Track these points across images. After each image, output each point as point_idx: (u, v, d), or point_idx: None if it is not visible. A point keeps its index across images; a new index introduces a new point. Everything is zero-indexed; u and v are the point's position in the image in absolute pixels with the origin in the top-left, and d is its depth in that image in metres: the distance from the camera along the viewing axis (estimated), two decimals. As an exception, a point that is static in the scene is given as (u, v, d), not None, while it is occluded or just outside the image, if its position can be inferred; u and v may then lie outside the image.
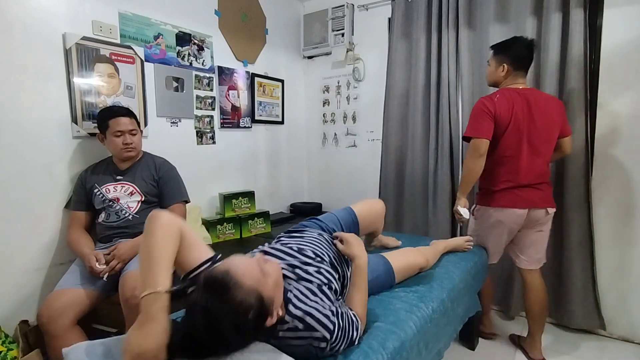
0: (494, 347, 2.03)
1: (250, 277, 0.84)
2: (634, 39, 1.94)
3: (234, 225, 2.48)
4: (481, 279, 1.91)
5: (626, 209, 2.02)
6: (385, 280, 1.45)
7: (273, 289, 0.88)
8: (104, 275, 1.54)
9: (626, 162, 2.00)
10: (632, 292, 2.03)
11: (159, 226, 0.91)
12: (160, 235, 0.90)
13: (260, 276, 0.86)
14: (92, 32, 1.87)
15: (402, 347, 1.11)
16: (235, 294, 0.80)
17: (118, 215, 1.72)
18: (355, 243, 1.23)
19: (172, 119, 2.29)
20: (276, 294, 0.90)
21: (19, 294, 1.68)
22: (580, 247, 2.07)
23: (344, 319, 1.01)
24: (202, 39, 2.42)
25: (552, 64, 2.08)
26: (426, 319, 1.28)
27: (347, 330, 1.00)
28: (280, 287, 0.94)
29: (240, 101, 2.72)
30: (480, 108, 1.77)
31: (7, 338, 1.51)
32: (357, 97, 3.06)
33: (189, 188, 1.95)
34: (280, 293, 0.94)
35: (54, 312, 1.45)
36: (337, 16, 2.96)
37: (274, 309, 0.88)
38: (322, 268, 1.11)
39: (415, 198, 2.69)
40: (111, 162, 1.82)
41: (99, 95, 1.90)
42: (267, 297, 0.85)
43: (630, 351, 1.98)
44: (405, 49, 2.68)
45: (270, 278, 0.89)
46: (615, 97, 2.01)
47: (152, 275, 0.82)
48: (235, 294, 0.80)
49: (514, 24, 2.24)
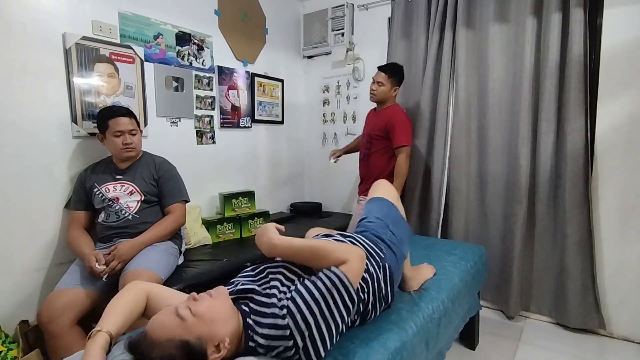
0: (495, 347, 2.03)
1: (163, 329, 0.83)
2: (634, 38, 1.94)
3: (234, 225, 2.47)
4: (481, 279, 1.91)
5: (626, 209, 2.02)
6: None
7: (205, 327, 0.85)
8: (104, 275, 1.53)
9: (626, 162, 2.00)
10: (631, 292, 2.03)
11: (124, 288, 1.01)
12: (121, 292, 0.99)
13: (178, 322, 0.84)
14: (92, 32, 1.87)
15: (403, 347, 1.11)
16: (151, 354, 0.81)
17: (118, 215, 1.72)
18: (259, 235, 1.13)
19: (172, 118, 2.29)
20: (213, 329, 0.85)
21: (19, 294, 1.68)
22: (580, 247, 2.07)
23: (299, 307, 0.91)
24: (202, 39, 2.42)
25: (552, 63, 2.08)
26: (427, 319, 1.28)
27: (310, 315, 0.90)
28: (221, 321, 0.88)
29: (240, 101, 2.72)
30: (407, 120, 2.30)
31: (7, 338, 1.51)
32: (357, 97, 3.06)
33: (189, 188, 1.95)
34: (223, 326, 0.88)
35: (54, 312, 1.45)
36: (337, 16, 2.96)
37: (208, 347, 0.84)
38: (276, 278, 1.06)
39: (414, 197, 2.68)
40: (111, 162, 1.81)
41: (99, 95, 1.90)
42: (195, 338, 0.82)
43: (630, 350, 1.98)
44: (405, 48, 2.68)
45: (198, 316, 0.85)
46: (615, 96, 2.01)
47: (102, 319, 0.91)
48: (152, 353, 0.81)
49: (514, 23, 2.24)
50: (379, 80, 2.29)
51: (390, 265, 1.23)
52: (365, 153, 2.41)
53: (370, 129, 2.38)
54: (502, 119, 2.31)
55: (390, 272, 1.21)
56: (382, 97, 2.32)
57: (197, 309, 0.86)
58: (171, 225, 1.79)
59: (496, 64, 2.30)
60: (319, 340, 0.91)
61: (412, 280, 1.46)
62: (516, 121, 2.22)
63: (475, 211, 2.46)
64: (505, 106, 2.30)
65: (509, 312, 2.30)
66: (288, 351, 0.89)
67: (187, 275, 1.76)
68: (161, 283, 1.60)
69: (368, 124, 2.44)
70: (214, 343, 0.85)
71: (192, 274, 1.78)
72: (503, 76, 2.30)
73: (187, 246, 2.15)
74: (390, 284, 1.22)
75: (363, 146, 2.43)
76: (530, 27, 2.14)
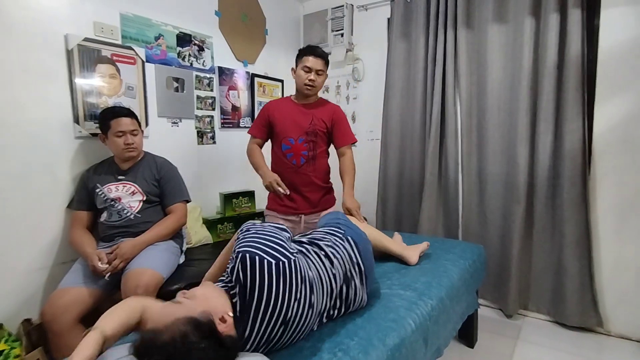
0: (493, 345, 2.04)
1: (165, 315, 0.85)
2: (631, 39, 1.96)
3: (235, 225, 2.49)
4: (479, 278, 1.92)
5: (623, 208, 2.04)
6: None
7: (202, 304, 0.89)
8: (107, 274, 1.55)
9: (623, 161, 2.02)
10: (629, 290, 2.05)
11: (121, 302, 1.00)
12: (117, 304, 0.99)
13: (177, 306, 0.87)
14: (94, 33, 1.89)
15: (401, 343, 1.13)
16: (160, 339, 0.78)
17: (120, 215, 1.74)
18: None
19: (172, 119, 2.30)
20: (211, 304, 0.90)
21: (22, 293, 1.70)
22: (578, 245, 2.09)
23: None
24: (203, 40, 2.44)
25: (550, 63, 2.09)
26: (425, 317, 1.29)
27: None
28: (214, 297, 0.95)
29: (240, 101, 2.74)
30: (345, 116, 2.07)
31: (10, 336, 1.52)
32: (357, 97, 3.07)
33: (190, 187, 1.96)
34: (219, 300, 0.94)
35: (57, 310, 1.46)
36: (337, 16, 2.98)
37: (214, 317, 0.86)
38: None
39: (414, 197, 2.71)
40: (113, 162, 1.83)
41: (101, 95, 1.92)
42: (199, 314, 0.85)
43: (628, 348, 2.00)
44: (404, 49, 2.70)
45: (194, 298, 0.91)
46: (613, 96, 2.03)
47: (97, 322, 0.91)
48: (161, 338, 0.78)
49: (512, 24, 2.26)
50: (319, 68, 1.87)
51: (353, 236, 1.28)
52: (309, 155, 1.93)
53: (310, 125, 1.93)
54: (501, 118, 2.33)
55: (354, 242, 1.27)
56: (319, 89, 1.96)
57: (190, 294, 0.93)
58: (172, 225, 1.81)
59: (495, 64, 2.32)
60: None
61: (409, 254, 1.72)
62: (514, 121, 2.24)
63: (474, 210, 2.48)
64: (503, 106, 2.32)
65: (507, 310, 2.31)
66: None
67: (188, 274, 1.78)
68: (163, 282, 1.62)
69: (300, 120, 1.93)
70: (218, 316, 0.87)
71: (193, 272, 1.79)
72: (502, 76, 2.32)
73: (188, 245, 2.16)
74: (359, 252, 1.26)
75: (301, 148, 1.92)
76: (528, 27, 2.16)
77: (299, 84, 1.91)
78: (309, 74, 1.86)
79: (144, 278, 1.51)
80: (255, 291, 0.92)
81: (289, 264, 0.99)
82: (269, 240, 1.03)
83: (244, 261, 0.94)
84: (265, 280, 0.93)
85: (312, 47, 1.91)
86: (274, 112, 1.96)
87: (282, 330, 0.97)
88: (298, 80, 1.91)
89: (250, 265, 0.94)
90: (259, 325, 0.93)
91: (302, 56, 1.88)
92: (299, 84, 1.92)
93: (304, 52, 1.90)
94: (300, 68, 1.88)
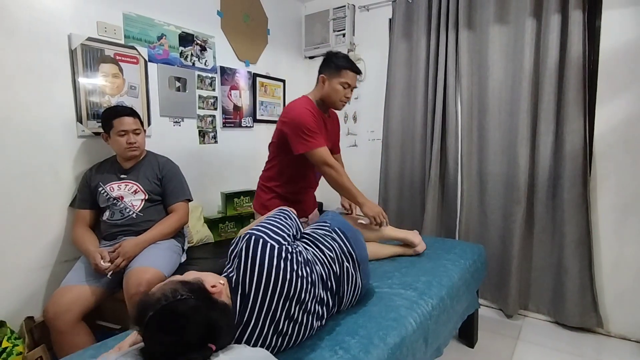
0: (494, 345, 2.05)
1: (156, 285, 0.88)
2: (632, 40, 1.96)
3: (236, 224, 2.50)
4: (480, 278, 1.93)
5: (624, 208, 2.04)
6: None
7: (191, 275, 0.92)
8: (109, 272, 1.56)
9: (624, 162, 2.03)
10: (629, 290, 2.05)
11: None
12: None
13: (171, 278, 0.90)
14: (97, 32, 1.90)
15: (402, 342, 1.14)
16: (154, 296, 0.79)
17: (122, 214, 1.75)
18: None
19: (175, 118, 2.31)
20: (204, 277, 0.92)
21: (25, 291, 1.71)
22: (578, 246, 2.09)
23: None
24: (205, 40, 2.45)
25: (552, 64, 2.10)
26: (426, 316, 1.30)
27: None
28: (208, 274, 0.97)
29: (242, 101, 2.75)
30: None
31: (13, 334, 1.53)
32: (358, 97, 3.08)
33: (192, 187, 1.97)
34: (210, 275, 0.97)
35: (60, 308, 1.47)
36: (338, 17, 2.98)
37: (205, 283, 0.87)
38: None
39: (415, 197, 2.71)
40: (115, 161, 1.84)
41: (104, 95, 1.93)
42: (190, 279, 0.87)
43: (628, 349, 2.00)
44: (405, 49, 2.70)
45: (188, 274, 0.95)
46: (614, 97, 2.03)
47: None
48: (154, 296, 0.79)
49: (514, 25, 2.26)
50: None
51: (340, 227, 1.30)
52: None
53: (332, 137, 1.94)
54: (502, 119, 2.33)
55: (342, 231, 1.28)
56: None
57: (186, 272, 0.97)
58: (174, 224, 1.82)
59: (496, 65, 2.33)
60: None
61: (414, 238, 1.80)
62: (515, 121, 2.24)
63: (474, 210, 2.49)
64: (504, 106, 2.32)
65: (507, 310, 2.32)
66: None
67: (190, 272, 1.79)
68: (164, 280, 1.62)
69: (327, 134, 1.86)
70: (210, 284, 0.89)
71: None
72: (502, 77, 2.32)
73: (189, 244, 2.17)
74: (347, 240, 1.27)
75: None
76: (529, 28, 2.16)
77: (334, 99, 1.75)
78: (347, 90, 1.74)
79: (146, 276, 1.51)
80: (256, 266, 0.96)
81: (291, 249, 1.05)
82: (275, 226, 1.09)
83: (249, 240, 0.99)
84: (266, 258, 0.98)
85: (351, 61, 1.74)
86: (320, 123, 1.75)
87: (287, 307, 0.98)
88: (334, 95, 1.73)
89: (254, 244, 0.99)
90: (261, 299, 0.95)
91: (342, 69, 1.71)
92: (333, 99, 1.75)
93: (343, 66, 1.71)
94: (339, 83, 1.71)
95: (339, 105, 1.79)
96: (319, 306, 1.10)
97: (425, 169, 2.63)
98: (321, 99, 1.78)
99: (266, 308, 0.96)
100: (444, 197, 2.62)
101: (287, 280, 0.97)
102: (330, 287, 1.17)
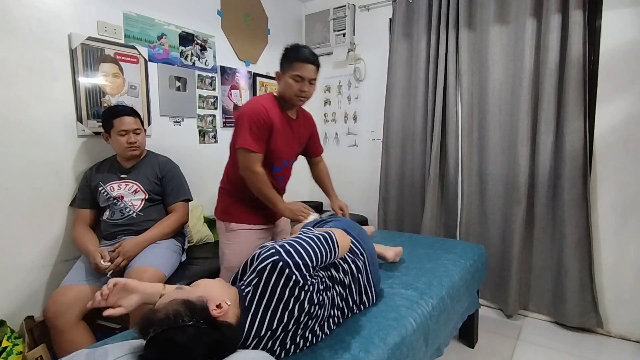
0: (494, 345, 2.05)
1: (164, 299, 0.93)
2: (632, 40, 1.96)
3: (236, 224, 2.49)
4: (480, 278, 1.93)
5: (624, 208, 2.04)
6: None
7: (198, 292, 0.93)
8: (109, 272, 1.56)
9: (624, 162, 2.03)
10: (629, 290, 2.05)
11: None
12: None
13: (178, 292, 0.94)
14: (97, 32, 1.89)
15: (402, 342, 1.14)
16: (156, 316, 0.83)
17: (122, 213, 1.75)
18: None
19: (175, 118, 2.31)
20: (211, 293, 0.93)
21: (25, 291, 1.70)
22: (578, 246, 2.09)
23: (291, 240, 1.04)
24: (205, 39, 2.45)
25: (552, 64, 2.10)
26: (426, 316, 1.30)
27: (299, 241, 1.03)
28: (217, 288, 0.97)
29: (242, 101, 2.75)
30: None
31: (13, 333, 1.53)
32: (358, 97, 3.08)
33: (192, 186, 1.97)
34: (220, 292, 0.96)
35: (60, 308, 1.47)
36: (339, 16, 2.98)
37: (209, 304, 0.89)
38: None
39: (415, 197, 2.71)
40: (115, 161, 1.84)
41: (104, 94, 1.93)
42: (195, 298, 0.88)
43: (628, 349, 2.00)
44: (406, 49, 2.70)
45: (196, 286, 0.97)
46: (614, 97, 2.03)
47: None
48: (157, 315, 0.83)
49: (514, 24, 2.26)
50: (312, 77, 1.58)
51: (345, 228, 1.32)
52: (289, 173, 1.81)
53: (299, 146, 1.80)
54: (502, 119, 2.33)
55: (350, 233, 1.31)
56: (310, 98, 1.66)
57: (195, 282, 1.00)
58: (174, 224, 1.82)
59: (496, 65, 2.33)
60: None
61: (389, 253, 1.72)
62: (515, 121, 2.24)
63: (474, 210, 2.48)
64: (505, 107, 2.32)
65: (507, 310, 2.32)
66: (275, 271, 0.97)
67: (189, 272, 1.79)
68: (164, 280, 1.62)
69: (292, 140, 1.71)
70: (215, 302, 0.90)
71: (195, 271, 1.81)
72: (503, 77, 2.32)
73: (189, 244, 2.17)
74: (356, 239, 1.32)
75: (290, 170, 1.80)
76: (530, 28, 2.16)
77: (289, 94, 1.58)
78: (300, 83, 1.55)
79: (146, 276, 1.51)
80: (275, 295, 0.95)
81: (314, 287, 1.00)
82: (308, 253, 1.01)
83: (274, 267, 0.95)
84: (287, 292, 0.95)
85: (302, 51, 1.55)
86: (273, 124, 1.57)
87: (295, 330, 0.99)
88: (288, 90, 1.57)
89: (278, 272, 0.95)
90: (275, 325, 0.95)
91: (293, 62, 1.54)
92: (288, 94, 1.58)
93: (293, 58, 1.55)
94: (290, 77, 1.55)
95: (295, 101, 1.60)
96: (326, 323, 1.11)
97: (425, 169, 2.64)
98: (281, 96, 1.64)
99: (277, 332, 0.96)
100: (444, 197, 2.61)
101: (304, 311, 0.97)
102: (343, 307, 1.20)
